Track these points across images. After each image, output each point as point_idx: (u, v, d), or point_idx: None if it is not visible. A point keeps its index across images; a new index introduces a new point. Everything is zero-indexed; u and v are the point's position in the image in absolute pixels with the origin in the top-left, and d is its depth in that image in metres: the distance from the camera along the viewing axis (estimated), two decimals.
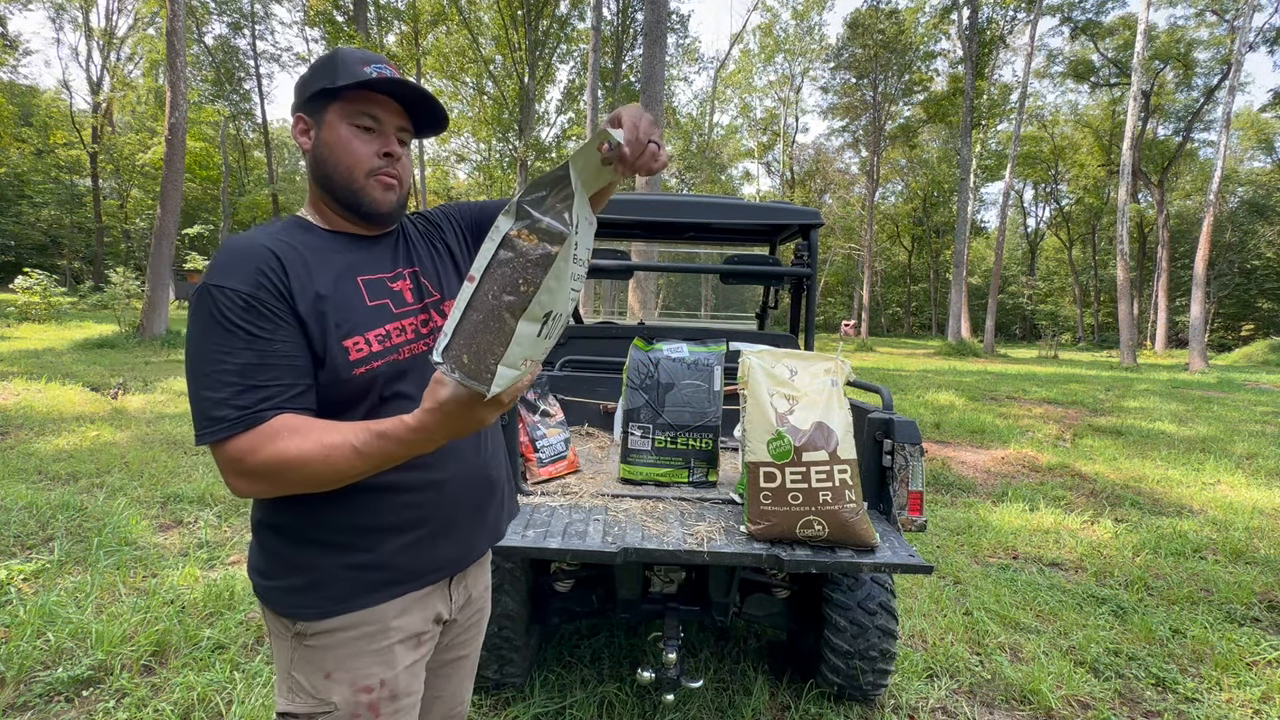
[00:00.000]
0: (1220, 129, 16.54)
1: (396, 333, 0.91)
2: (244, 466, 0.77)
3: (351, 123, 0.89)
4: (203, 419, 0.78)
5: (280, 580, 0.89)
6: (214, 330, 0.79)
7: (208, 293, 0.80)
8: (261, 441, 0.77)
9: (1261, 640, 2.54)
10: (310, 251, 0.88)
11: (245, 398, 0.78)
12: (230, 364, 0.78)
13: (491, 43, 26.21)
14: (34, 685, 1.96)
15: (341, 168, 0.90)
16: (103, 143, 28.61)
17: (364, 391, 0.87)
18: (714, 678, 2.14)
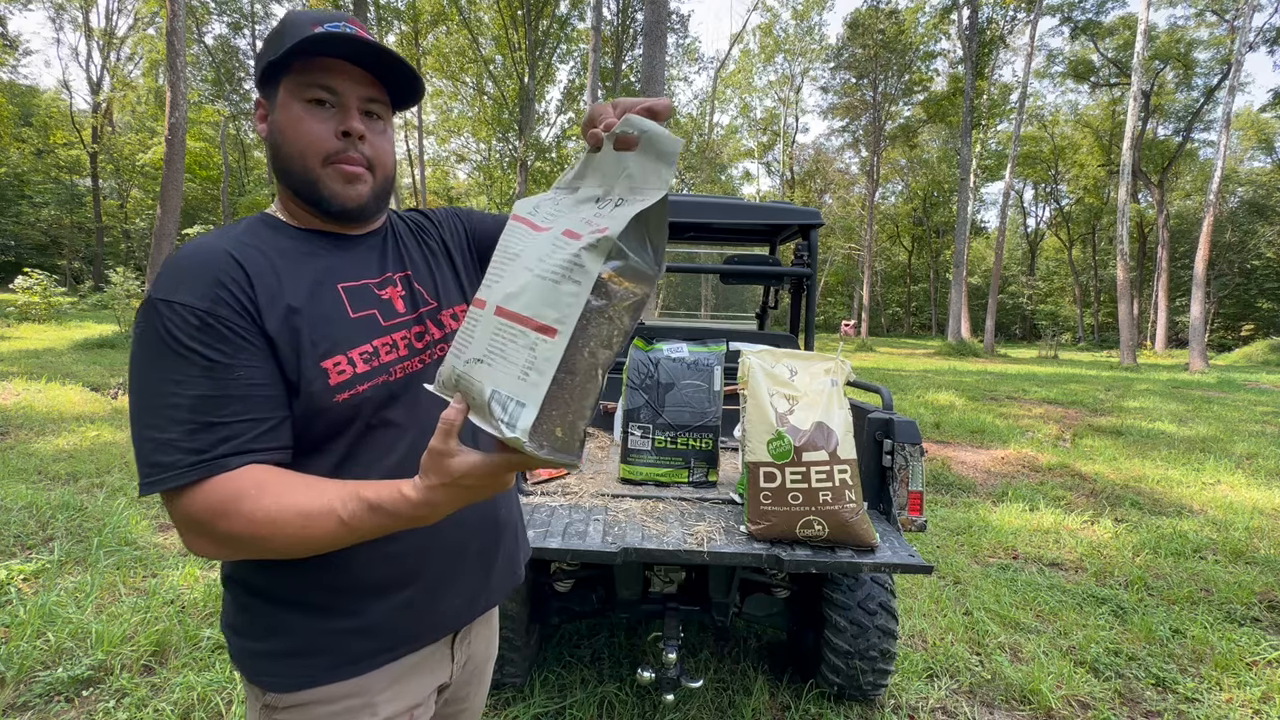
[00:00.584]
0: (1220, 129, 16.54)
1: (386, 349, 0.77)
2: (202, 525, 0.63)
3: (305, 98, 0.73)
4: (147, 464, 0.63)
5: (254, 641, 0.76)
6: (162, 355, 0.65)
7: (154, 309, 0.65)
8: (224, 497, 0.63)
9: (1261, 640, 2.54)
10: (280, 255, 0.74)
11: (201, 438, 0.64)
12: (182, 396, 0.64)
13: (491, 43, 26.21)
14: (34, 685, 1.96)
15: (294, 154, 0.74)
16: (103, 143, 28.62)
17: (347, 420, 0.73)
18: (714, 678, 2.14)
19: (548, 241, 0.59)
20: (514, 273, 0.59)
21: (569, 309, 0.54)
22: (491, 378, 0.55)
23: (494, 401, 0.54)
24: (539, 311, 0.55)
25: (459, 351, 0.59)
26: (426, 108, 30.48)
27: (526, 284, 0.56)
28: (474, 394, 0.56)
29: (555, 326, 0.54)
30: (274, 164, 0.77)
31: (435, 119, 32.02)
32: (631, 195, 0.59)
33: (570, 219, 0.60)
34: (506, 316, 0.56)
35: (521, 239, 0.62)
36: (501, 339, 0.56)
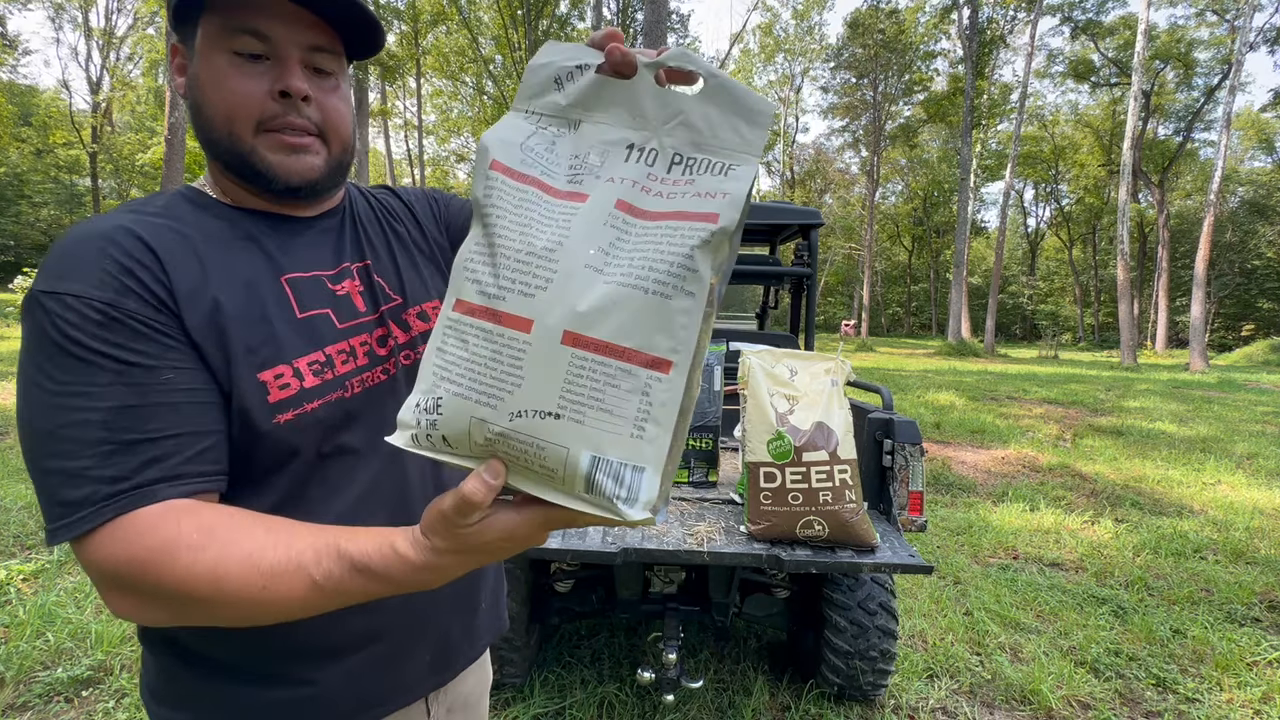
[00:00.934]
0: (1221, 129, 16.54)
1: (341, 358, 0.62)
2: (125, 580, 0.48)
3: (230, 48, 0.57)
4: (52, 504, 0.48)
5: (177, 711, 0.61)
6: (58, 363, 0.49)
7: (39, 307, 0.50)
8: (154, 542, 0.47)
9: (1262, 640, 2.54)
10: (207, 239, 0.58)
11: (120, 461, 0.49)
12: (93, 411, 0.49)
13: (491, 42, 26.22)
14: (33, 685, 1.96)
15: (219, 120, 0.59)
16: (102, 142, 28.62)
17: (290, 449, 0.58)
18: (714, 678, 2.13)
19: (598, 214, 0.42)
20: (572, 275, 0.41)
21: (685, 332, 0.39)
22: (584, 438, 0.39)
23: (601, 474, 0.39)
24: (650, 340, 0.39)
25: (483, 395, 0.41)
26: (426, 107, 30.49)
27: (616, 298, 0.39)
28: (546, 462, 0.40)
29: (670, 358, 0.39)
30: (196, 129, 0.61)
31: (435, 119, 32.04)
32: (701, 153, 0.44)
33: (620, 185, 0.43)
34: (594, 349, 0.39)
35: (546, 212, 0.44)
36: (590, 381, 0.39)
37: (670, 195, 0.42)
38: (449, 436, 0.42)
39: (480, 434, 0.41)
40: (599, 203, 0.43)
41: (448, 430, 0.42)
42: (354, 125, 0.67)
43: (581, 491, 0.40)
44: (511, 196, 0.44)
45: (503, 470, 0.41)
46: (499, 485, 0.41)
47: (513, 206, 0.43)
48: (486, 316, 0.42)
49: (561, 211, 0.43)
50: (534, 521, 0.43)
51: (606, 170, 0.44)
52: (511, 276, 0.42)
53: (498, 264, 0.42)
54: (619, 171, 0.44)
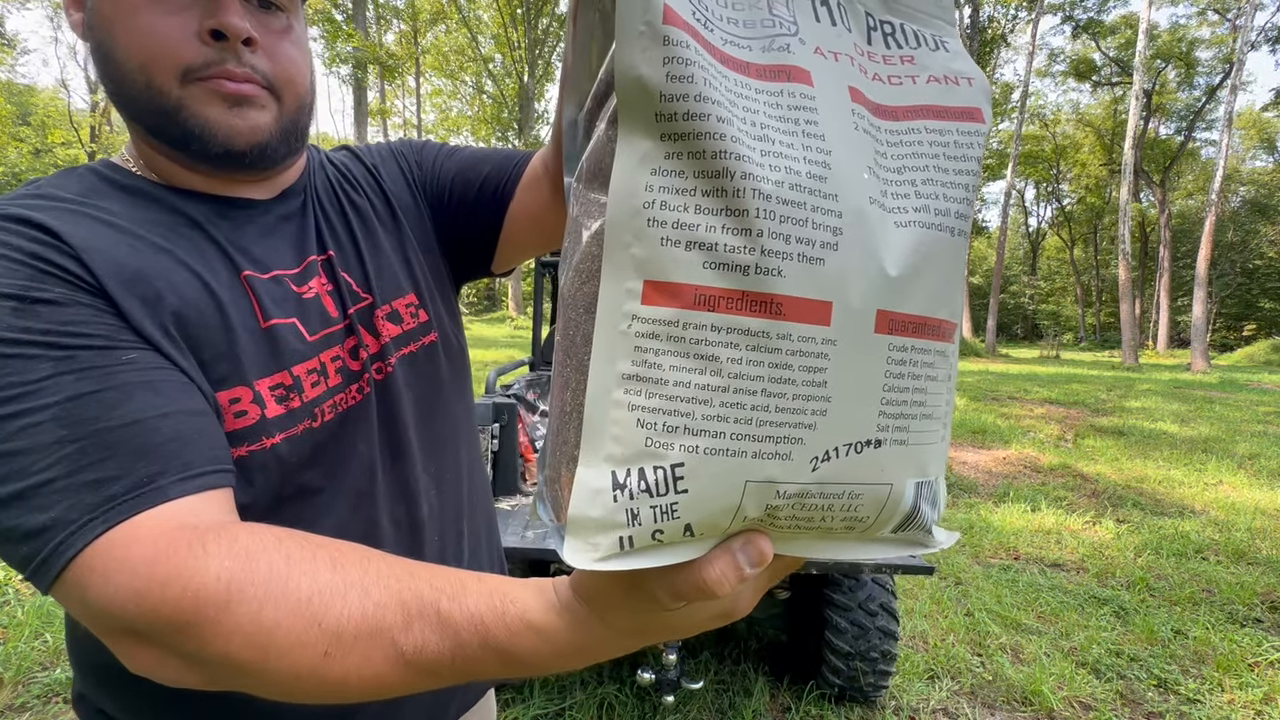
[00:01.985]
0: (1222, 128, 16.52)
1: (311, 379, 0.49)
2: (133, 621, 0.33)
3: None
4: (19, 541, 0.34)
5: None
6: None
7: None
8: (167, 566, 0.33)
9: (1263, 641, 2.53)
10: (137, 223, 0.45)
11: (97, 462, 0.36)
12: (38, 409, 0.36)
13: (491, 41, 26.22)
14: (32, 686, 1.96)
15: (133, 66, 0.45)
16: (101, 142, 28.64)
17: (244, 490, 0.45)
18: (714, 679, 2.13)
19: (848, 122, 0.27)
20: (863, 217, 0.25)
21: (958, 279, 0.29)
22: (910, 462, 0.27)
23: (924, 501, 0.29)
24: (955, 304, 0.28)
25: (768, 441, 0.25)
26: (425, 107, 30.50)
27: (924, 248, 0.27)
28: (859, 512, 0.27)
29: (953, 320, 0.29)
30: (104, 82, 0.47)
31: (434, 118, 32.05)
32: (896, 16, 0.31)
33: (838, 63, 0.28)
34: (911, 332, 0.27)
35: (772, 110, 0.26)
36: (911, 380, 0.27)
37: (897, 79, 0.28)
38: (699, 522, 0.25)
39: (761, 503, 0.25)
40: (830, 89, 0.26)
41: (701, 514, 0.25)
42: (313, 78, 0.53)
43: (890, 533, 0.28)
44: (721, 83, 0.24)
45: (769, 549, 0.27)
46: (757, 573, 0.27)
47: (731, 100, 0.24)
48: (749, 308, 0.24)
49: (792, 105, 0.25)
50: (758, 589, 0.31)
51: (811, 37, 0.27)
52: (781, 231, 0.24)
53: (749, 210, 0.24)
54: (826, 41, 0.28)
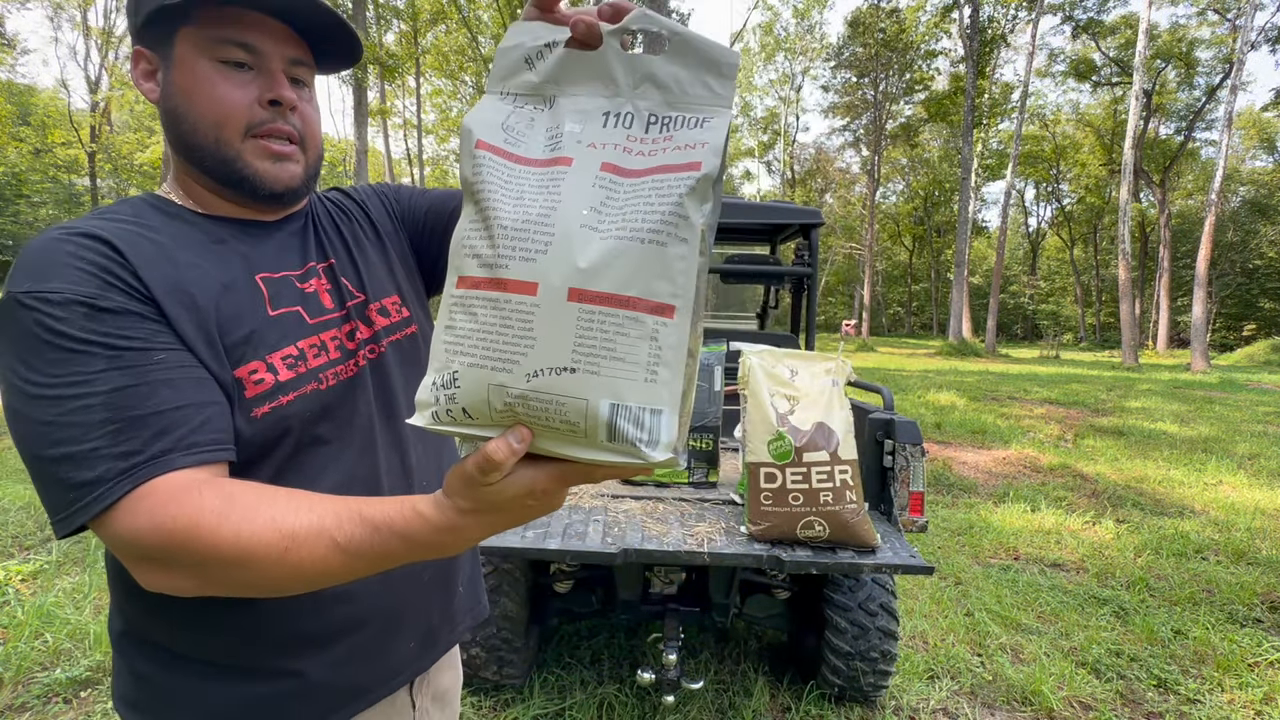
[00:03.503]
0: (1222, 128, 16.51)
1: (314, 352, 0.64)
2: (154, 550, 0.48)
3: (216, 57, 0.60)
4: (64, 489, 0.49)
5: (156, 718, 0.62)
6: (47, 357, 0.50)
7: (18, 307, 0.51)
8: (178, 511, 0.48)
9: (1263, 641, 2.53)
10: (178, 243, 0.60)
11: (130, 436, 0.50)
12: (93, 395, 0.50)
13: (491, 42, 26.19)
14: (32, 686, 1.96)
15: (205, 125, 0.61)
16: (101, 142, 28.62)
17: (269, 441, 0.60)
18: (714, 679, 2.13)
19: (587, 177, 0.43)
20: (570, 235, 0.41)
21: (683, 277, 0.41)
22: (602, 388, 0.40)
23: (622, 420, 0.40)
24: (651, 287, 0.40)
25: (498, 361, 0.41)
26: (425, 106, 30.48)
27: (617, 251, 0.41)
28: (567, 417, 0.40)
29: (673, 303, 0.41)
30: (174, 136, 0.63)
31: (435, 118, 32.03)
32: (675, 110, 0.45)
33: (603, 150, 0.45)
34: (600, 301, 0.40)
35: (524, 180, 0.45)
36: (600, 333, 0.40)
37: (652, 152, 0.44)
38: (469, 408, 0.43)
39: (499, 400, 0.42)
40: (584, 166, 0.44)
41: (467, 402, 0.43)
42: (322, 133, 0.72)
43: (604, 441, 0.41)
44: (499, 172, 0.45)
45: (528, 434, 0.42)
46: (523, 448, 0.42)
47: (502, 181, 0.45)
48: (491, 286, 0.42)
49: (550, 178, 0.44)
50: (552, 476, 0.44)
51: (587, 137, 0.46)
52: (511, 245, 0.42)
53: (494, 236, 0.43)
54: (600, 138, 0.45)
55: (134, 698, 0.63)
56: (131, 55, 0.64)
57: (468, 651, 1.86)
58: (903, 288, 45.51)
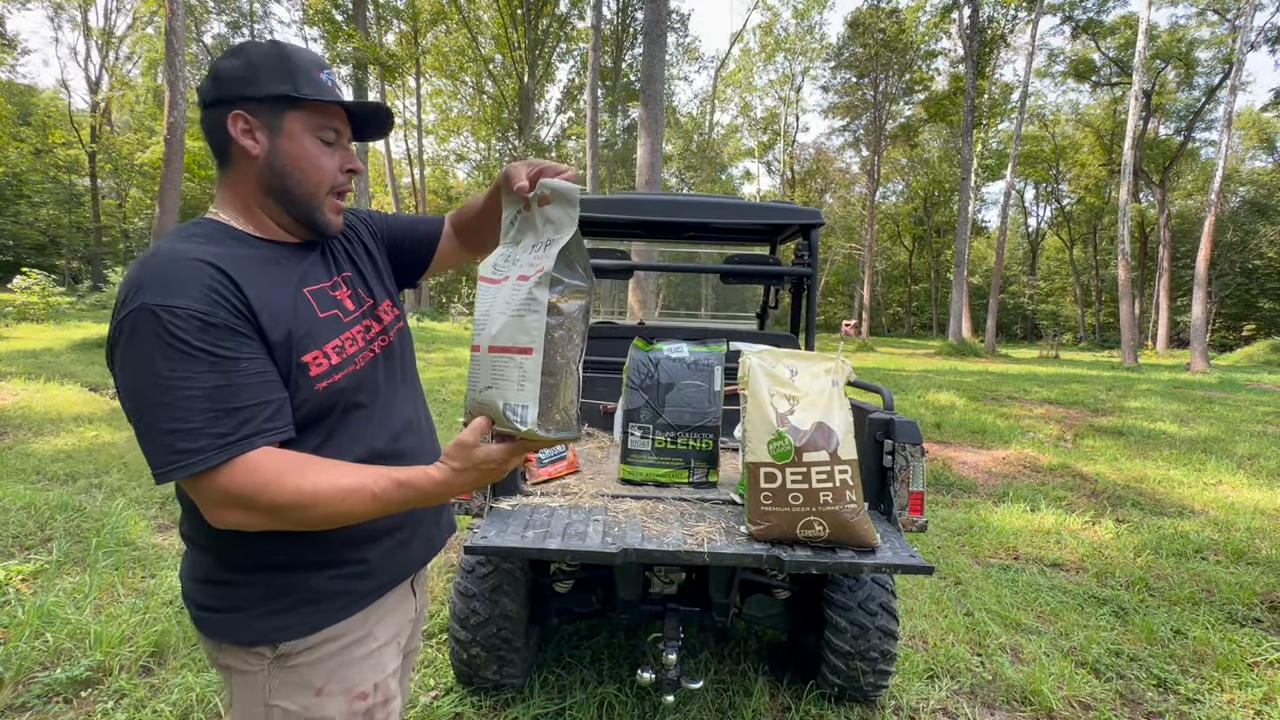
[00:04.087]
0: (1222, 128, 16.51)
1: (349, 343, 0.88)
2: (243, 498, 0.72)
3: (317, 135, 0.84)
4: (170, 451, 0.70)
5: (253, 609, 0.82)
6: (170, 357, 0.70)
7: (152, 315, 0.70)
8: (265, 474, 0.72)
9: (1263, 641, 2.53)
10: (254, 264, 0.81)
11: (224, 423, 0.71)
12: (197, 390, 0.70)
13: (491, 42, 26.20)
14: (32, 686, 1.95)
15: (308, 184, 0.85)
16: (101, 142, 28.59)
17: (329, 407, 0.84)
18: (714, 679, 2.13)
19: (509, 288, 0.80)
20: (493, 319, 0.80)
21: (536, 331, 0.76)
22: (501, 395, 0.76)
23: (507, 411, 0.75)
24: (516, 339, 0.77)
25: (472, 386, 0.80)
26: (426, 107, 30.46)
27: (504, 324, 0.78)
28: (493, 411, 0.77)
29: (530, 347, 0.76)
30: (270, 182, 0.84)
31: (435, 118, 32.01)
32: (555, 235, 0.81)
33: (519, 266, 0.81)
34: (497, 351, 0.78)
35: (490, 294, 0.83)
36: (498, 368, 0.77)
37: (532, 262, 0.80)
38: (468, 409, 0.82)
39: (473, 403, 0.81)
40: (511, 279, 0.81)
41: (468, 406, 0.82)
42: None
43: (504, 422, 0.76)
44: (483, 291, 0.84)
45: (485, 423, 0.78)
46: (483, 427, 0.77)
47: (482, 295, 0.84)
48: (474, 349, 0.81)
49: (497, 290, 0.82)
50: (509, 447, 0.78)
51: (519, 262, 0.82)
52: (477, 327, 0.82)
53: (476, 323, 0.82)
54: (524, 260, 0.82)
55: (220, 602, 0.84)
56: (232, 115, 0.81)
57: (468, 650, 1.86)
58: (902, 288, 45.49)
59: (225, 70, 0.81)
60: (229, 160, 0.84)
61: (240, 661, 0.84)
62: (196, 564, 0.86)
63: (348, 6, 18.42)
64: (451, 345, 13.92)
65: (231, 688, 0.87)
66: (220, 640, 0.84)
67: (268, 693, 0.84)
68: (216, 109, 0.81)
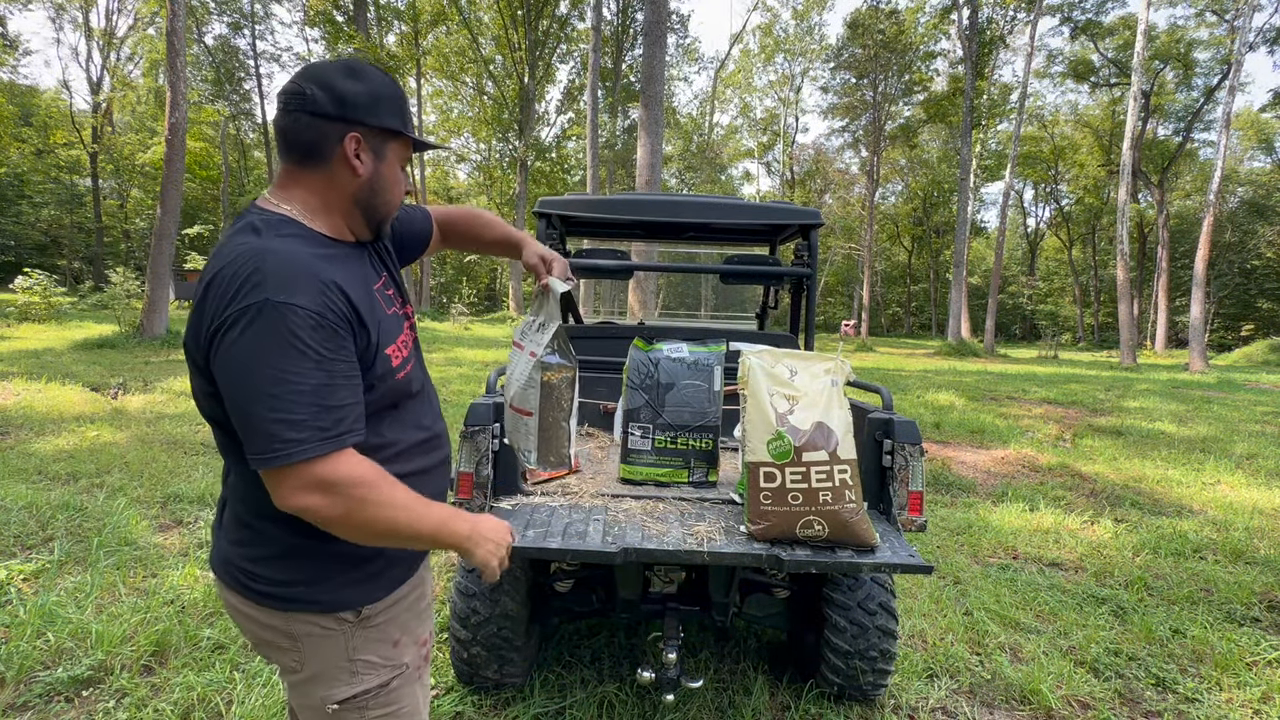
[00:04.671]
0: (1220, 129, 16.54)
1: (407, 336, 1.00)
2: (336, 486, 0.80)
3: (400, 165, 0.99)
4: (275, 440, 0.76)
5: (339, 577, 0.92)
6: (283, 350, 0.77)
7: (275, 310, 0.77)
8: (354, 470, 0.81)
9: (1261, 640, 2.54)
10: (340, 265, 0.89)
11: (324, 419, 0.79)
12: (304, 385, 0.78)
13: (491, 43, 26.20)
14: (34, 685, 1.96)
15: (392, 201, 0.99)
16: (103, 143, 28.60)
17: (403, 392, 0.97)
18: (714, 678, 2.13)
19: (524, 360, 1.24)
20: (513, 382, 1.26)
21: (533, 400, 1.22)
22: (516, 440, 1.32)
23: (519, 451, 1.32)
24: (524, 403, 1.24)
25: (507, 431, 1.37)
26: (426, 107, 30.46)
27: (516, 390, 1.25)
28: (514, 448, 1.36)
29: (531, 410, 1.24)
30: (362, 195, 0.94)
31: (435, 119, 32.00)
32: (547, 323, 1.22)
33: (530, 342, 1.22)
34: (514, 410, 1.30)
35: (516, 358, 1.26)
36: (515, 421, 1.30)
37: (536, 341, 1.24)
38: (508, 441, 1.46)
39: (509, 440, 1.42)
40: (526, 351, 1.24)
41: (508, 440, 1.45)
42: None
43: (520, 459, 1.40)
44: (513, 353, 1.29)
45: None
46: None
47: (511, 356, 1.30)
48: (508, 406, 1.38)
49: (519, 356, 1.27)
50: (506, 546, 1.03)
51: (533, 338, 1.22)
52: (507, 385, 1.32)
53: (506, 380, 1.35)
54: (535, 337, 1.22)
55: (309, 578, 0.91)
56: (351, 136, 0.89)
57: (469, 650, 1.87)
58: (902, 288, 45.49)
59: (349, 92, 0.88)
60: (324, 164, 0.89)
61: (317, 627, 0.91)
62: (267, 542, 0.91)
63: (349, 8, 18.43)
64: (453, 345, 13.93)
65: (305, 653, 0.92)
66: (296, 610, 0.91)
67: (351, 650, 0.93)
68: (330, 122, 0.88)
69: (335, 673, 0.92)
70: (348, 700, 0.93)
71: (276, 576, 0.90)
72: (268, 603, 0.90)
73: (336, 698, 0.92)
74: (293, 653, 0.93)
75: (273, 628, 0.92)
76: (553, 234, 2.91)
